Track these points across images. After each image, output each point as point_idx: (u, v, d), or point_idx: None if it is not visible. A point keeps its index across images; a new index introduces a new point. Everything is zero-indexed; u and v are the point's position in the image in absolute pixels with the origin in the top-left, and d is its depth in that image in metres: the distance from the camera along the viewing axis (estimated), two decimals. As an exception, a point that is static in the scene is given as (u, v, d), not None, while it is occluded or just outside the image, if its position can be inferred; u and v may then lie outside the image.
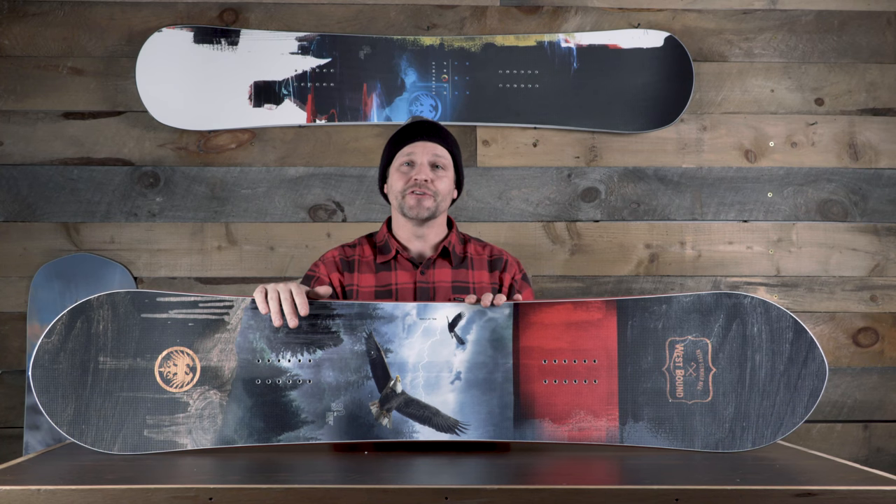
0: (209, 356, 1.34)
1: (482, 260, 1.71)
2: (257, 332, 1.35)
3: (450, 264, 1.68)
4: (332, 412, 1.34)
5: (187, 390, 1.32)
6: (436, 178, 1.63)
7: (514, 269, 1.72)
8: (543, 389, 1.36)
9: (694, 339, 1.36)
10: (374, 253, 1.69)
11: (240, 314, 1.35)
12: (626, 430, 1.33)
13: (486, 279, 1.68)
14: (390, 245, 1.67)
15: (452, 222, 1.75)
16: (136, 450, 1.29)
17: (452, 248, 1.69)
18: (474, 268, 1.69)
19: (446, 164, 1.66)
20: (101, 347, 1.32)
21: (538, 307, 1.40)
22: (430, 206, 1.63)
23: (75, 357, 1.30)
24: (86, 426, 1.29)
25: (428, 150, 1.64)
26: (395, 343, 1.37)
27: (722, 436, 1.32)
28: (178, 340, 1.33)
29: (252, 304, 1.34)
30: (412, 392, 1.35)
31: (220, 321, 1.35)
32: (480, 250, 1.73)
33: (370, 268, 1.67)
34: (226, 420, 1.32)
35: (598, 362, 1.36)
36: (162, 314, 1.34)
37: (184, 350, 1.33)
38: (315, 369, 1.35)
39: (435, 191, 1.63)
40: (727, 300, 1.36)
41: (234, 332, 1.35)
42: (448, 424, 1.34)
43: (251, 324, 1.35)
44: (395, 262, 1.67)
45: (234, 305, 1.35)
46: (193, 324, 1.34)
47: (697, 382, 1.34)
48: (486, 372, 1.36)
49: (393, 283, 1.65)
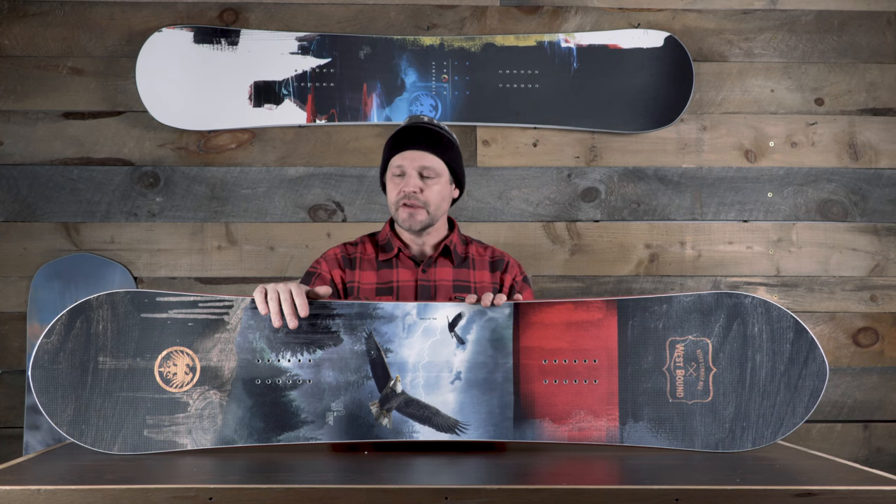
0: (209, 356, 1.33)
1: (484, 260, 1.71)
2: (257, 332, 1.35)
3: (451, 263, 1.68)
4: (332, 412, 1.33)
5: (187, 390, 1.32)
6: (425, 188, 1.62)
7: (516, 270, 1.72)
8: (543, 389, 1.36)
9: (694, 338, 1.36)
10: (376, 251, 1.69)
11: (239, 314, 1.35)
12: (626, 430, 1.33)
13: (488, 279, 1.68)
14: (392, 243, 1.68)
15: (454, 222, 1.75)
16: (136, 450, 1.29)
17: (454, 248, 1.69)
18: (476, 268, 1.69)
19: (437, 172, 1.64)
20: (101, 347, 1.31)
21: (538, 307, 1.40)
22: (423, 219, 1.63)
23: (75, 357, 1.30)
24: (86, 426, 1.29)
25: (416, 161, 1.62)
26: (395, 343, 1.37)
27: (722, 436, 1.32)
28: (177, 340, 1.33)
29: (252, 304, 1.34)
30: (412, 392, 1.35)
31: (219, 321, 1.34)
32: (482, 251, 1.74)
33: (372, 265, 1.67)
34: (226, 420, 1.31)
35: (599, 362, 1.36)
36: (162, 314, 1.34)
37: (183, 350, 1.33)
38: (315, 369, 1.34)
39: (425, 201, 1.62)
40: (728, 300, 1.36)
41: (234, 332, 1.34)
42: (448, 424, 1.34)
43: (251, 324, 1.35)
44: (397, 260, 1.67)
45: (233, 305, 1.35)
46: (193, 324, 1.34)
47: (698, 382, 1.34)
48: (486, 372, 1.36)
49: (394, 281, 1.65)
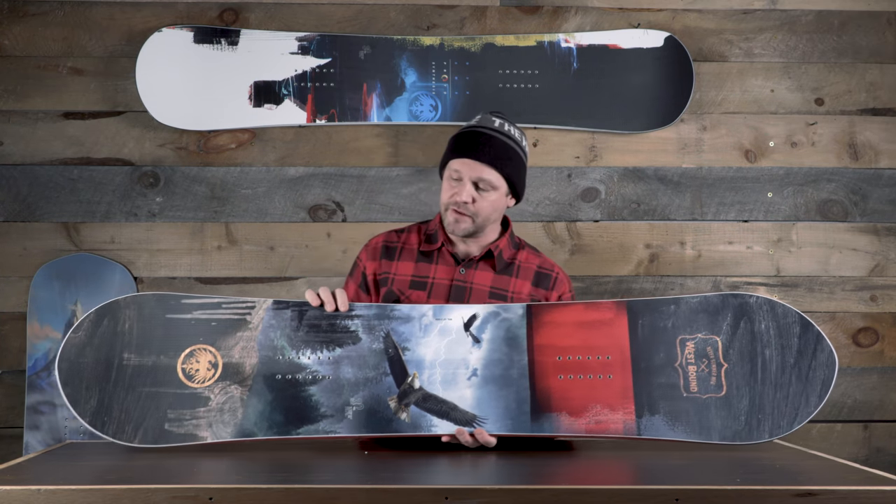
0: (231, 353, 1.37)
1: (529, 269, 1.67)
2: (278, 330, 1.39)
3: (493, 268, 1.65)
4: (351, 407, 1.36)
5: (209, 385, 1.36)
6: (478, 199, 1.59)
7: (565, 287, 1.68)
8: (559, 385, 1.38)
9: (704, 336, 1.38)
10: (420, 241, 1.68)
11: (261, 314, 1.40)
12: (643, 423, 1.35)
13: (527, 291, 1.64)
14: (438, 236, 1.66)
15: (508, 224, 1.72)
16: (157, 442, 1.31)
17: (499, 253, 1.65)
18: (518, 276, 1.66)
19: (493, 186, 1.59)
20: (126, 344, 1.35)
21: (550, 308, 1.44)
22: (468, 227, 1.60)
23: (100, 352, 1.34)
24: (108, 418, 1.31)
25: (475, 171, 1.58)
26: (412, 342, 1.40)
27: (739, 428, 1.34)
28: (201, 339, 1.37)
29: (274, 304, 1.40)
30: (430, 388, 1.38)
31: (242, 321, 1.39)
32: (532, 259, 1.69)
33: (412, 255, 1.66)
34: (246, 413, 1.34)
35: (612, 359, 1.39)
36: (186, 314, 1.38)
37: (206, 347, 1.37)
38: (334, 366, 1.38)
39: (474, 212, 1.59)
40: (733, 300, 1.39)
41: (256, 330, 1.39)
42: (466, 419, 1.36)
43: (272, 323, 1.39)
44: (438, 255, 1.66)
45: (256, 306, 1.40)
46: (217, 323, 1.38)
47: (710, 377, 1.37)
48: (501, 368, 1.39)
49: (430, 277, 1.64)
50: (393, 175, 2.28)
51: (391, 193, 2.28)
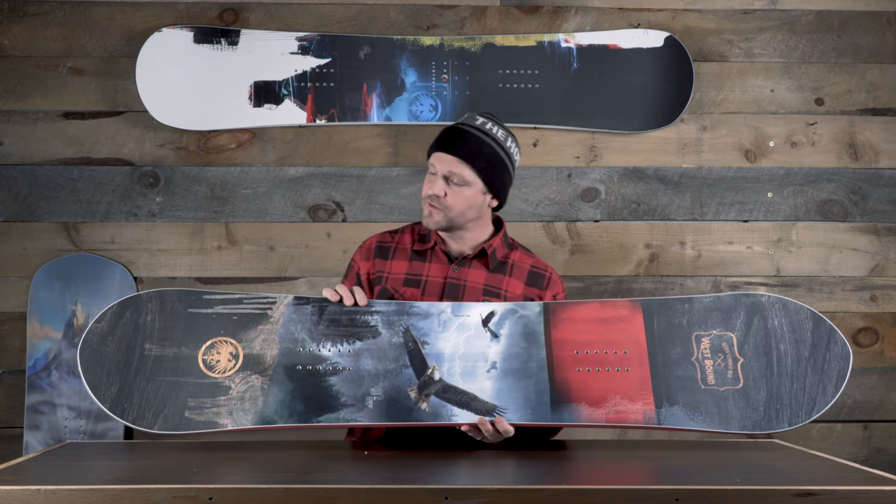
0: (252, 345, 1.39)
1: (523, 269, 1.67)
2: (299, 324, 1.41)
3: (486, 267, 1.65)
4: (372, 396, 1.38)
5: (230, 375, 1.37)
6: (450, 193, 1.60)
7: (558, 287, 1.68)
8: (578, 377, 1.40)
9: (718, 333, 1.41)
10: (413, 240, 1.69)
11: (282, 309, 1.42)
12: (662, 414, 1.36)
13: (520, 290, 1.64)
14: (431, 236, 1.67)
15: (502, 224, 1.72)
16: (177, 429, 1.32)
17: (493, 252, 1.66)
18: (512, 275, 1.66)
19: (465, 181, 1.59)
20: (148, 336, 1.37)
21: (567, 305, 1.47)
22: (439, 220, 1.61)
23: (122, 342, 1.36)
24: (128, 405, 1.33)
25: (446, 165, 1.60)
26: (432, 336, 1.43)
27: (758, 418, 1.36)
28: (222, 331, 1.39)
29: (294, 300, 1.43)
30: (449, 380, 1.40)
31: (263, 315, 1.42)
32: (525, 258, 1.70)
33: (405, 255, 1.67)
34: (266, 402, 1.35)
35: (629, 353, 1.41)
36: (207, 309, 1.41)
37: (227, 339, 1.39)
38: (354, 358, 1.40)
39: (446, 206, 1.60)
40: (745, 299, 1.43)
41: (277, 324, 1.41)
42: (487, 408, 1.38)
43: (293, 317, 1.42)
44: (431, 253, 1.66)
45: (277, 301, 1.43)
46: (238, 317, 1.41)
47: (727, 371, 1.39)
48: (520, 362, 1.41)
49: (424, 275, 1.64)
50: (393, 175, 2.29)
51: (391, 193, 2.28)
